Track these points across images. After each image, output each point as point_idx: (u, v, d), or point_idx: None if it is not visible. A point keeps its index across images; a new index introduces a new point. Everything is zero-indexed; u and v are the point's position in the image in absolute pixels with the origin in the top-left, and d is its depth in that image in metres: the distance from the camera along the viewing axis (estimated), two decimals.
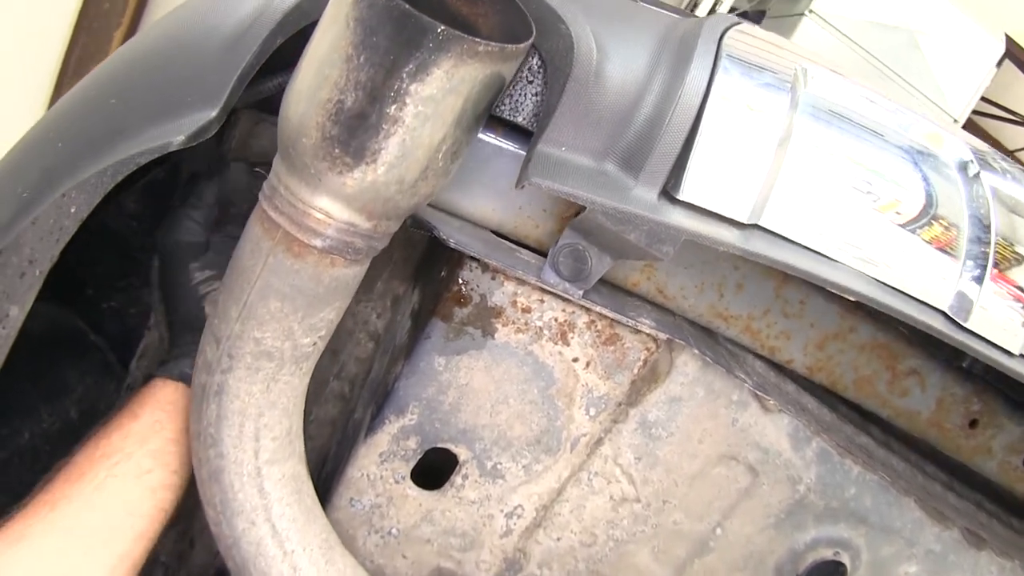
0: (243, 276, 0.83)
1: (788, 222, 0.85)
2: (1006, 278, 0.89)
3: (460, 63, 0.71)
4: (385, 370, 1.07)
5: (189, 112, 0.83)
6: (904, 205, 0.87)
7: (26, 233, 0.84)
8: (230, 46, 0.86)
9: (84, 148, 0.86)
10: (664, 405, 0.98)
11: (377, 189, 0.76)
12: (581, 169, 0.82)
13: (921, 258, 0.87)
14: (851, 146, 0.89)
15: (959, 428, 1.05)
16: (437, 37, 0.69)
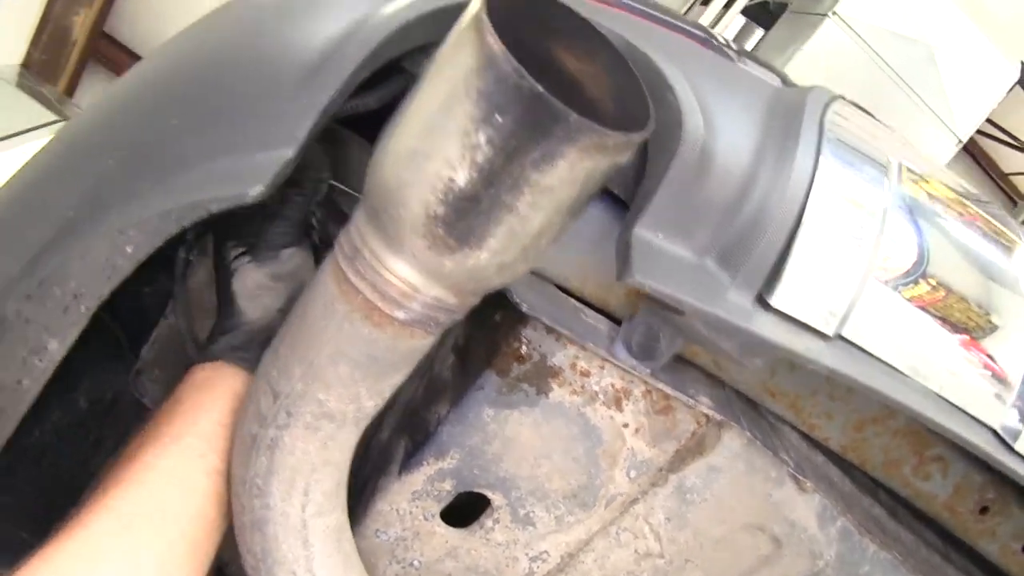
0: (311, 335, 0.79)
1: (870, 335, 0.85)
2: None
3: (586, 155, 0.66)
4: (422, 403, 1.05)
5: (262, 148, 0.77)
6: (990, 333, 0.87)
7: (74, 265, 0.78)
8: (313, 73, 0.80)
9: (141, 173, 0.79)
10: (703, 473, 0.98)
11: (474, 271, 0.73)
12: (680, 263, 0.80)
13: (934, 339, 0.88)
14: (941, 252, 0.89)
15: (971, 513, 1.08)
16: (569, 126, 0.63)
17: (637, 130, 0.69)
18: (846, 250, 0.84)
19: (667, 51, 0.87)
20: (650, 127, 0.70)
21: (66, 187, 0.84)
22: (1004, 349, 0.92)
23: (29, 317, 0.80)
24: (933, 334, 0.88)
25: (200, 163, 0.78)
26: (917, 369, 0.88)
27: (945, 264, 0.91)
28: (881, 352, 0.86)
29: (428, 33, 0.83)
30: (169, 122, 0.82)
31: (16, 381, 0.81)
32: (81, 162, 0.85)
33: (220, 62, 0.86)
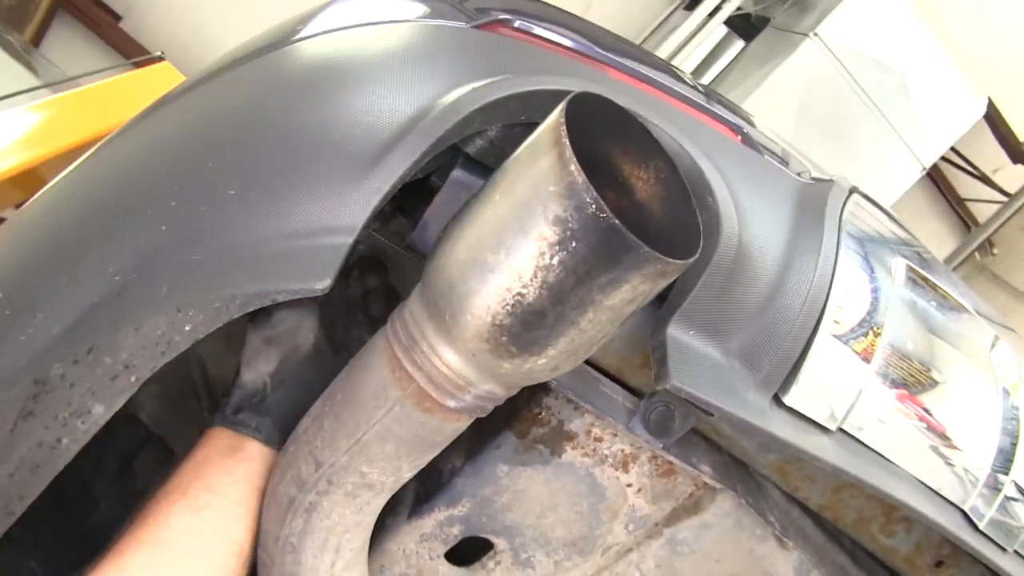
0: (361, 414, 0.82)
1: (868, 428, 0.92)
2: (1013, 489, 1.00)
3: (648, 278, 0.71)
4: None
5: (324, 234, 0.79)
6: None
7: (127, 338, 0.78)
8: (379, 157, 0.81)
9: (199, 245, 0.79)
10: (695, 529, 1.05)
11: (529, 374, 0.77)
12: (710, 364, 0.85)
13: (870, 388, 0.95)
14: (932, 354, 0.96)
15: (928, 566, 1.18)
16: (638, 257, 0.67)
17: (685, 244, 0.73)
18: (854, 351, 0.90)
19: (704, 147, 0.90)
20: (700, 248, 0.74)
21: (110, 247, 0.82)
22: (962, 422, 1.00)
23: (74, 381, 0.80)
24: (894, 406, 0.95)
25: (263, 245, 0.79)
26: (900, 456, 0.95)
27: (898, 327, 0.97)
28: (874, 442, 0.92)
29: (487, 120, 0.85)
30: (226, 192, 0.82)
31: (56, 440, 0.81)
32: (125, 220, 0.83)
33: (281, 133, 0.84)
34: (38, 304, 0.83)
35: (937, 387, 0.97)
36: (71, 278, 0.83)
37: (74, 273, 0.83)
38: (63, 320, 0.80)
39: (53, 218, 0.92)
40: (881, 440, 0.93)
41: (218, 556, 0.85)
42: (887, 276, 0.95)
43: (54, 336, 0.80)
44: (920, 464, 0.96)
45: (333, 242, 0.79)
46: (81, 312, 0.80)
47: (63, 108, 2.51)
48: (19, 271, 0.88)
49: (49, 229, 0.90)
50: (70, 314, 0.80)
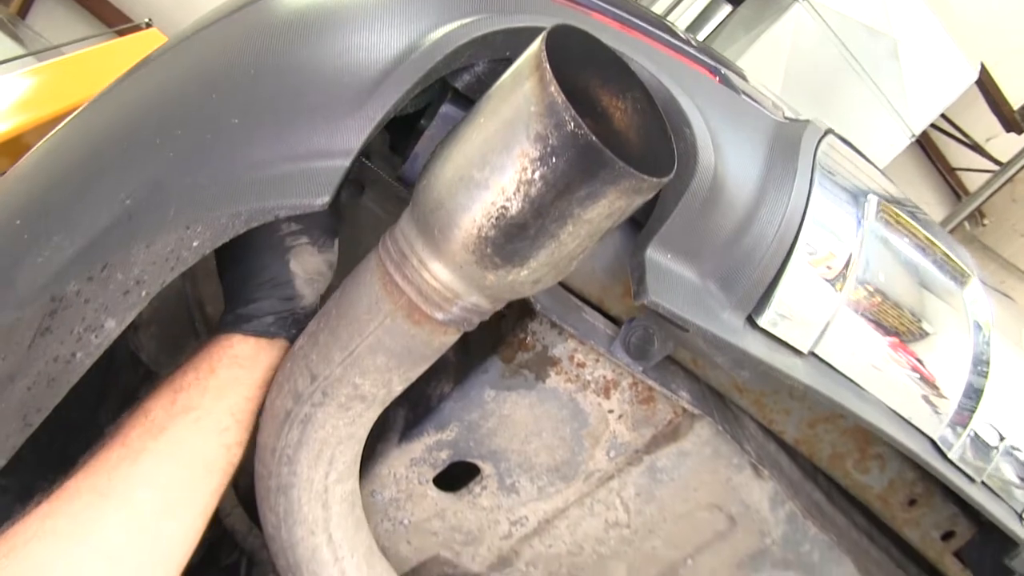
0: (354, 327, 0.87)
1: (840, 354, 0.96)
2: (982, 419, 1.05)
3: (624, 194, 0.76)
4: (423, 378, 1.13)
5: (323, 157, 0.84)
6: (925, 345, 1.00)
7: (138, 254, 0.83)
8: (373, 88, 0.86)
9: (205, 171, 0.84)
10: (674, 457, 1.10)
11: (512, 285, 0.82)
12: (687, 284, 0.90)
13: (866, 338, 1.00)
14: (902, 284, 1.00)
15: (900, 505, 1.22)
16: (614, 170, 0.73)
17: (660, 168, 0.78)
18: (825, 279, 0.95)
19: (683, 84, 0.95)
20: (674, 169, 0.80)
21: (122, 174, 0.87)
22: (933, 355, 1.05)
23: (89, 297, 0.85)
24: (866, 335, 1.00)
25: (265, 167, 0.84)
26: (873, 384, 1.00)
27: (883, 275, 1.02)
28: (844, 367, 0.97)
29: (474, 54, 0.90)
30: (230, 121, 0.87)
31: (71, 354, 0.86)
32: (135, 149, 0.89)
33: (281, 67, 0.90)
34: (53, 228, 0.88)
35: (908, 319, 1.01)
36: (85, 204, 0.88)
37: (87, 199, 0.89)
38: (77, 242, 0.86)
39: (67, 152, 0.97)
40: (852, 367, 0.98)
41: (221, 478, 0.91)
42: (860, 210, 1.00)
43: (69, 256, 0.86)
44: (891, 392, 1.00)
45: (331, 164, 0.84)
46: (94, 234, 0.86)
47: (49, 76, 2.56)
48: (35, 200, 0.94)
49: (63, 162, 0.96)
50: (84, 236, 0.86)
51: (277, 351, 0.95)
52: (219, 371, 0.92)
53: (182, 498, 0.88)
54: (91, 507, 0.83)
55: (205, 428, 0.90)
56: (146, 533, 0.85)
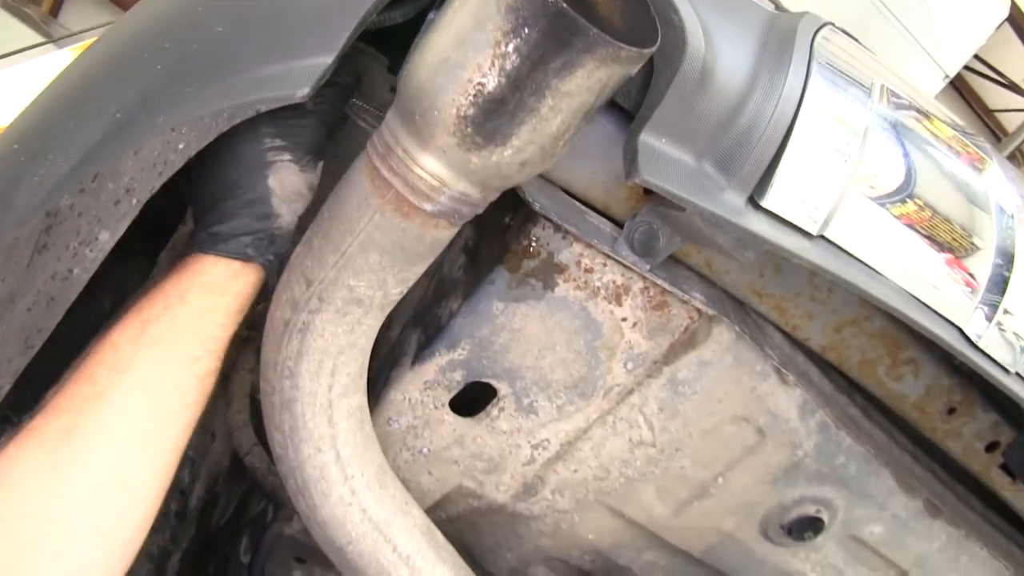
0: (345, 226, 0.86)
1: (850, 236, 0.93)
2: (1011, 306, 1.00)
3: (602, 64, 0.74)
4: (432, 300, 1.12)
5: (304, 55, 0.84)
6: None
7: (127, 161, 0.83)
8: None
9: (188, 76, 0.85)
10: (695, 367, 1.07)
11: (499, 168, 0.80)
12: (681, 166, 0.88)
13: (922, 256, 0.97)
14: (917, 165, 0.96)
15: (939, 414, 1.17)
16: (588, 39, 0.71)
17: (646, 45, 0.76)
18: (830, 161, 0.91)
19: None
20: (657, 42, 0.78)
21: (113, 91, 0.89)
22: (985, 270, 1.00)
23: (82, 210, 0.85)
24: (920, 251, 0.96)
25: (248, 69, 0.85)
26: (894, 272, 0.95)
27: (931, 187, 0.98)
28: (859, 252, 0.93)
29: None
30: (214, 30, 0.88)
31: (68, 270, 0.87)
32: (126, 68, 0.91)
33: None
34: (49, 148, 0.90)
35: (924, 203, 0.97)
36: (78, 121, 0.90)
37: (81, 117, 0.90)
38: (71, 158, 0.87)
39: (64, 82, 0.98)
40: (867, 251, 0.94)
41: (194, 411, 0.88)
42: (865, 95, 0.97)
43: (64, 172, 0.86)
44: (911, 279, 0.96)
45: (315, 62, 0.84)
46: (87, 148, 0.86)
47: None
48: (32, 125, 0.96)
49: (61, 89, 0.97)
50: (77, 151, 0.87)
51: (252, 277, 0.91)
52: (190, 299, 0.88)
53: (153, 434, 0.85)
54: (58, 449, 0.80)
55: (175, 360, 0.86)
56: (116, 472, 0.82)
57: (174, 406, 0.87)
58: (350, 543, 0.98)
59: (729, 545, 1.20)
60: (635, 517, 1.18)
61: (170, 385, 0.87)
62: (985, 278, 1.00)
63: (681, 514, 1.17)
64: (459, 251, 1.12)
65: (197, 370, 0.88)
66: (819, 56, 0.96)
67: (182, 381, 0.87)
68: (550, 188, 1.00)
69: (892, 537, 1.18)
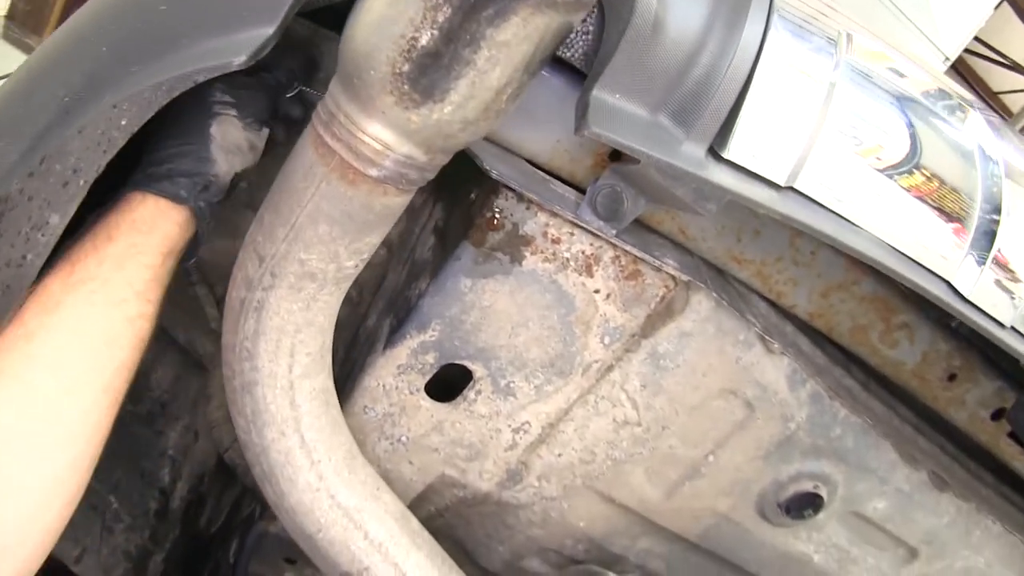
0: (293, 198, 0.84)
1: (821, 187, 0.89)
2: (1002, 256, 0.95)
3: (537, 12, 0.72)
4: (404, 284, 1.10)
5: (245, 28, 0.83)
6: None
7: (72, 142, 0.83)
8: None
9: (133, 55, 0.84)
10: (675, 339, 1.03)
11: (440, 126, 0.78)
12: (635, 119, 0.85)
13: (931, 228, 0.93)
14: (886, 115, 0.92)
15: (939, 381, 1.12)
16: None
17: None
18: (794, 111, 0.87)
19: None
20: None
21: (61, 76, 0.88)
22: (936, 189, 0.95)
23: (32, 194, 0.85)
24: (929, 223, 0.92)
25: (191, 43, 0.84)
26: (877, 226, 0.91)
27: (936, 156, 0.94)
28: (833, 204, 0.89)
29: None
30: (158, 9, 0.88)
31: (21, 256, 0.86)
32: (74, 52, 0.90)
33: None
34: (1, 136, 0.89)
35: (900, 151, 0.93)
36: (27, 108, 0.89)
37: (30, 104, 0.90)
38: (21, 145, 0.86)
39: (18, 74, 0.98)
40: (841, 203, 0.90)
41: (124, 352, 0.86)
42: (832, 45, 0.93)
43: (14, 160, 0.86)
44: (892, 230, 0.92)
45: (255, 33, 0.82)
46: (36, 134, 0.86)
47: None
48: None
49: (13, 81, 0.97)
50: (27, 138, 0.86)
51: (181, 218, 0.90)
52: (117, 238, 0.88)
53: (82, 375, 0.84)
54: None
55: (102, 300, 0.85)
56: (47, 413, 0.82)
57: (101, 347, 0.86)
58: (320, 531, 0.95)
59: (726, 527, 1.15)
60: (626, 502, 1.14)
61: (97, 326, 0.86)
62: (972, 227, 0.96)
63: (673, 496, 1.13)
64: (430, 232, 1.10)
65: (126, 311, 0.87)
66: (780, 8, 0.93)
67: (109, 322, 0.86)
68: (512, 158, 0.97)
69: (897, 512, 1.13)
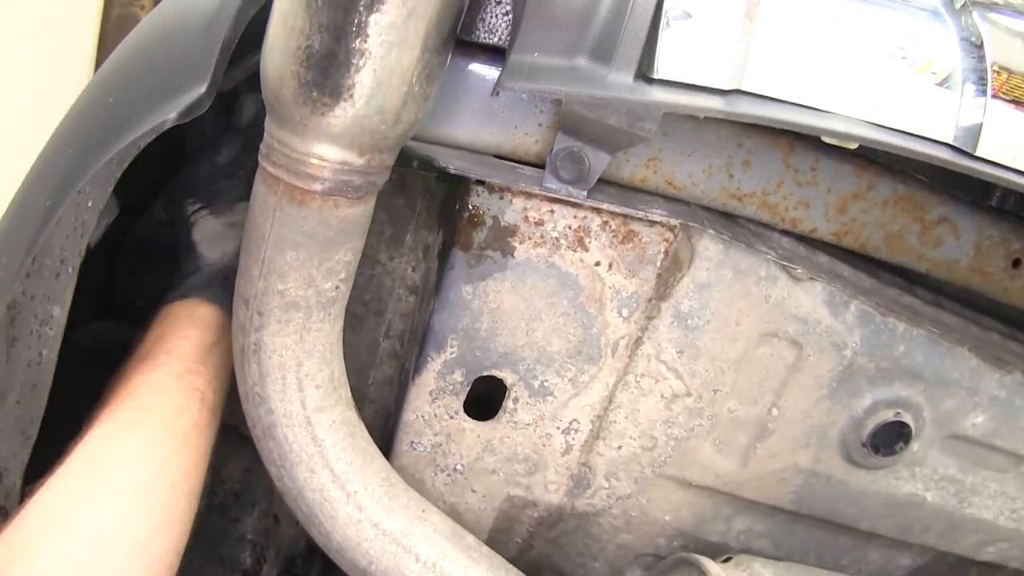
0: (257, 234, 0.87)
1: (769, 81, 0.85)
2: (1006, 97, 0.87)
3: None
4: (418, 310, 1.10)
5: (181, 93, 0.88)
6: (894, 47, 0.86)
7: (53, 235, 0.90)
8: (209, 23, 0.90)
9: (93, 147, 0.91)
10: (694, 293, 0.98)
11: (361, 123, 0.80)
12: (554, 69, 0.84)
13: (915, 92, 0.87)
14: (823, 2, 0.89)
15: (1002, 270, 1.02)
16: None
17: None
18: (718, 16, 0.85)
19: None
20: None
21: (42, 185, 0.97)
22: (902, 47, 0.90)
23: (33, 292, 0.92)
24: (805, 51, 0.87)
25: (137, 121, 0.90)
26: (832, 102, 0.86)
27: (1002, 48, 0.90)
28: (792, 95, 0.85)
29: None
30: (107, 102, 0.95)
31: (38, 354, 0.92)
32: (50, 164, 0.99)
33: (143, 43, 1.02)
34: (3, 252, 0.97)
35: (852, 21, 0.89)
36: (21, 220, 0.98)
37: (22, 216, 0.98)
38: (19, 253, 0.93)
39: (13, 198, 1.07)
40: (800, 92, 0.86)
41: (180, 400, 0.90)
42: None
43: (15, 268, 0.93)
44: (863, 105, 0.86)
45: (188, 94, 0.87)
46: (29, 240, 0.93)
47: None
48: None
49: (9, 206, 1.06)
50: (22, 245, 0.93)
51: (202, 305, 0.99)
52: (153, 329, 0.97)
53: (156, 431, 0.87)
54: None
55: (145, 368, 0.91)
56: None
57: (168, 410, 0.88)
58: (371, 563, 0.93)
59: (817, 485, 1.06)
60: (703, 481, 1.07)
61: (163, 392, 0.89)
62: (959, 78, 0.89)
63: (749, 463, 1.05)
64: (434, 259, 1.11)
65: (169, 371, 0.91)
66: None
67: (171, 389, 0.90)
68: (475, 156, 0.98)
69: (1001, 424, 1.02)
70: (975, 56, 0.88)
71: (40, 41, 2.78)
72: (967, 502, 1.07)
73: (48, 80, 2.75)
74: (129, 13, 2.93)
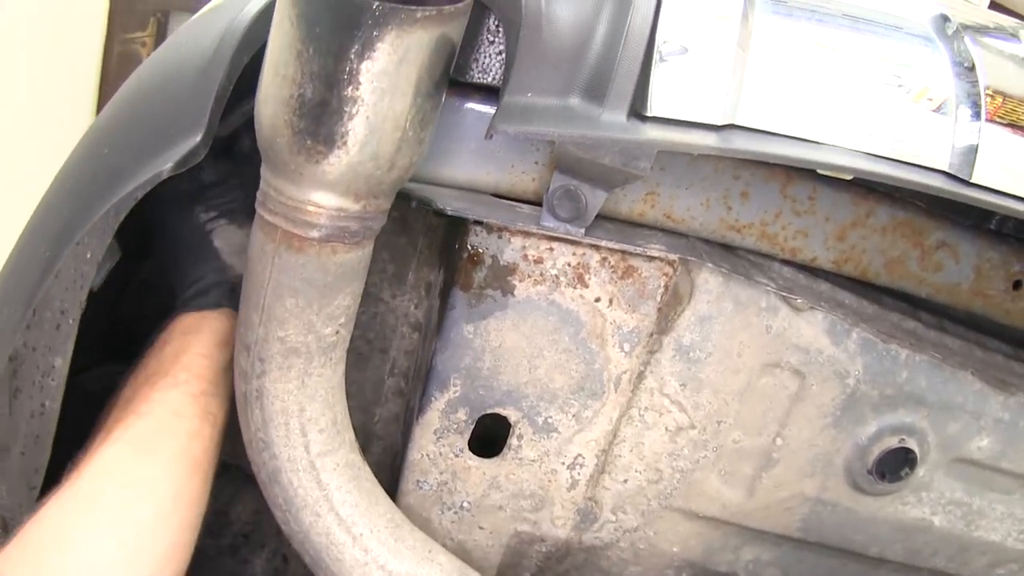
0: (256, 282, 0.87)
1: (764, 115, 0.85)
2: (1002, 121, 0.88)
3: (403, 33, 0.74)
4: (422, 350, 1.10)
5: (176, 143, 0.88)
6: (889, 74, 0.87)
7: (53, 287, 0.91)
8: (202, 72, 0.91)
9: (89, 200, 0.92)
10: (696, 326, 0.98)
11: (355, 170, 0.80)
12: (547, 109, 0.84)
13: (912, 119, 0.87)
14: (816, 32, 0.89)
15: (1003, 292, 1.02)
16: (374, 14, 0.72)
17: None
18: (711, 51, 0.86)
19: None
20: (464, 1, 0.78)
21: (41, 236, 0.97)
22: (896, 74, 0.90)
23: (34, 344, 0.92)
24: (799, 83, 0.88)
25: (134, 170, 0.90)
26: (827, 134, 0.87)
27: (792, 28, 0.91)
28: (787, 127, 0.86)
29: None
30: (102, 153, 0.96)
31: (41, 405, 0.93)
32: (48, 216, 1.00)
33: (137, 94, 1.02)
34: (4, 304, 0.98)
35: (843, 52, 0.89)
36: (21, 273, 0.98)
37: (23, 268, 0.98)
38: (20, 306, 0.94)
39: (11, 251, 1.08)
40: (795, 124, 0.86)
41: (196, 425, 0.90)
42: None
43: (16, 320, 0.93)
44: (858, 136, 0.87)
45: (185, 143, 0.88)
46: (29, 292, 0.94)
47: None
48: None
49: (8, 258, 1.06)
50: (23, 298, 0.94)
51: (223, 318, 0.98)
52: (171, 341, 0.96)
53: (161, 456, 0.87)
54: None
55: (163, 385, 0.91)
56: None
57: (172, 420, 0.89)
58: None
59: (824, 512, 1.06)
60: (709, 512, 1.07)
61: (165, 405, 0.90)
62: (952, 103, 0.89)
63: (755, 493, 1.05)
64: (436, 298, 1.11)
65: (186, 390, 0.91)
66: None
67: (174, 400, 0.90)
68: (473, 196, 0.98)
69: (1007, 446, 1.02)
70: (968, 81, 0.89)
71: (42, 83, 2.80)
72: (975, 525, 1.06)
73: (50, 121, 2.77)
74: (130, 51, 2.94)
